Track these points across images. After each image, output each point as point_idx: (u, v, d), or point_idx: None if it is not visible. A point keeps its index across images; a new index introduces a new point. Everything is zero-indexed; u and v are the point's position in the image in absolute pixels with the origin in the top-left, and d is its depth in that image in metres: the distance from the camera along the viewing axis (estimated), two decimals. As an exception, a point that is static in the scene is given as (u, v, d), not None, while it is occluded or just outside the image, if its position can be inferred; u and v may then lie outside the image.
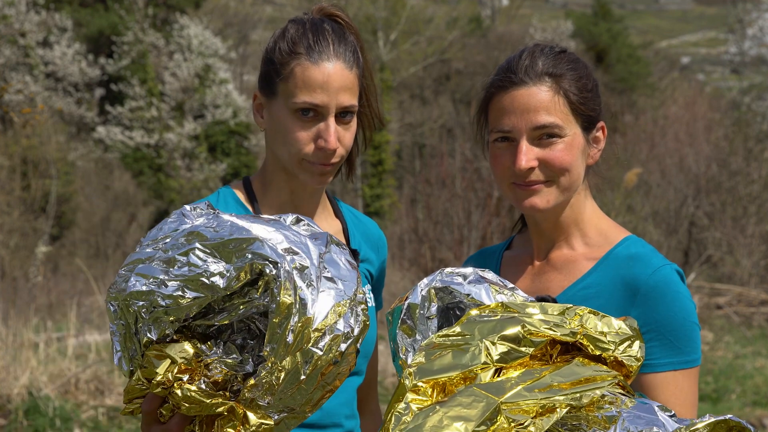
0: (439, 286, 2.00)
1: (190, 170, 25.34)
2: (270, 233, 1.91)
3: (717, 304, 12.82)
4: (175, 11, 27.27)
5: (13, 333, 8.58)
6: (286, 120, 2.28)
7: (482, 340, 1.82)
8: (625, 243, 2.17)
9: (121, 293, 1.92)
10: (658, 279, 2.07)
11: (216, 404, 1.86)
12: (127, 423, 7.89)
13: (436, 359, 1.82)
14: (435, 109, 27.52)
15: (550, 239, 2.25)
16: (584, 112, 2.17)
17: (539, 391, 1.74)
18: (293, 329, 1.83)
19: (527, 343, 1.83)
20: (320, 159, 2.28)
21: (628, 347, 1.89)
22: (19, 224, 18.94)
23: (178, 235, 1.94)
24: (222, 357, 1.89)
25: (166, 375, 1.88)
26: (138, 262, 1.94)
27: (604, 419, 1.72)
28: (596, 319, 1.88)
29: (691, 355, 2.06)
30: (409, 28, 28.10)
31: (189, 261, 1.88)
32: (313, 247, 1.94)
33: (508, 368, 1.82)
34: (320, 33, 2.30)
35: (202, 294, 1.87)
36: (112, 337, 1.96)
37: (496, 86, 2.19)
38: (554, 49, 2.20)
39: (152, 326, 1.89)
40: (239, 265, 1.86)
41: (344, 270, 1.95)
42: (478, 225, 12.42)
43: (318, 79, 2.25)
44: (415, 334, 1.97)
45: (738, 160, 16.18)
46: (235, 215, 1.98)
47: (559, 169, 2.14)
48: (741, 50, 36.88)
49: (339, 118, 2.28)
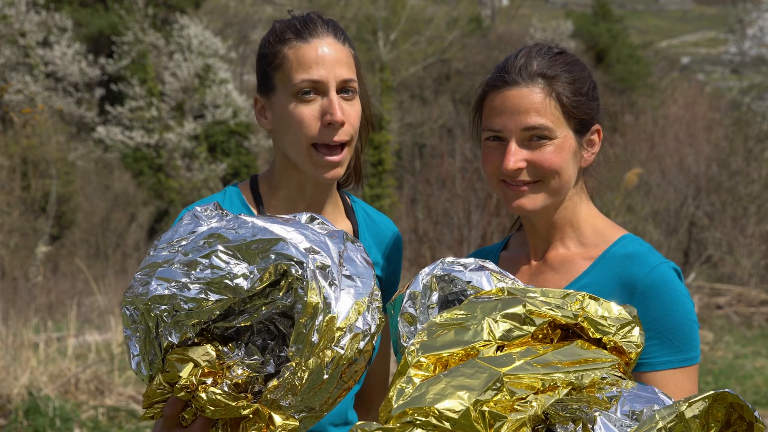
0: (440, 274, 2.01)
1: (190, 170, 25.32)
2: (290, 233, 1.90)
3: (717, 304, 12.81)
4: (175, 11, 27.26)
5: (13, 333, 8.58)
6: (289, 107, 2.25)
7: (484, 318, 1.84)
8: (621, 242, 2.17)
9: (139, 297, 1.90)
10: (655, 277, 2.07)
11: (241, 406, 1.84)
12: (127, 423, 7.89)
13: (439, 336, 1.84)
14: (435, 109, 27.51)
15: (546, 239, 2.25)
16: (577, 116, 2.16)
17: (541, 366, 1.76)
18: (318, 329, 1.83)
19: (529, 322, 1.85)
20: (330, 137, 2.23)
21: (629, 332, 1.90)
22: (19, 224, 18.94)
23: (197, 238, 1.92)
24: (244, 359, 1.88)
25: (190, 378, 1.86)
26: (156, 266, 1.91)
27: (605, 399, 1.72)
28: (596, 304, 1.90)
29: (690, 353, 2.06)
30: (409, 28, 28.08)
31: (212, 263, 1.86)
32: (332, 246, 1.93)
33: (509, 346, 1.83)
34: (306, 18, 2.29)
35: (226, 296, 1.85)
36: (128, 341, 1.93)
37: (491, 85, 2.19)
38: (552, 50, 2.19)
39: (174, 330, 1.87)
40: (263, 266, 1.84)
41: (361, 267, 1.95)
42: (478, 225, 12.42)
43: (312, 56, 2.23)
44: (416, 322, 1.97)
45: (738, 160, 16.17)
46: (255, 216, 1.96)
47: (548, 172, 2.14)
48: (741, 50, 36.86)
49: (340, 95, 2.24)
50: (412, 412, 1.66)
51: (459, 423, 1.64)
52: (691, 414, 1.63)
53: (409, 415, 1.67)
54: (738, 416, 1.69)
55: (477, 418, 1.64)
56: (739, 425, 1.70)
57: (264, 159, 25.36)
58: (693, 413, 1.64)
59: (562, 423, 1.68)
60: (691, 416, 1.63)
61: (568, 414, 1.69)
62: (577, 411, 1.69)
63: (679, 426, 1.62)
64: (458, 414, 1.64)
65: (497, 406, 1.66)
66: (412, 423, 1.66)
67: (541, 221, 2.22)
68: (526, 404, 1.69)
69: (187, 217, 2.00)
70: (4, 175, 19.75)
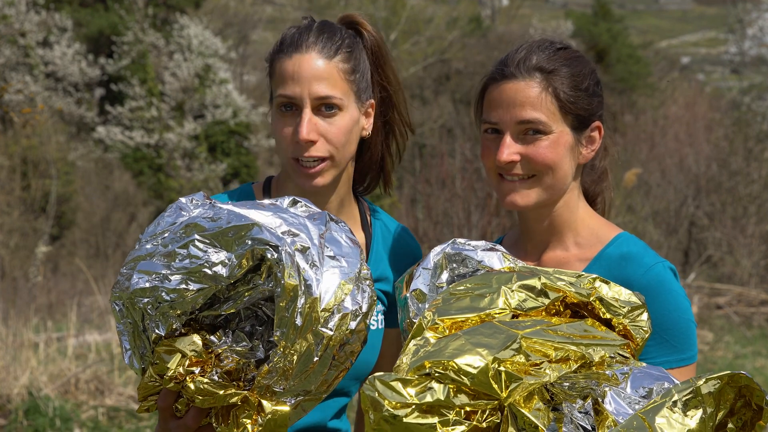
0: (451, 252, 2.01)
1: (190, 170, 25.31)
2: (267, 218, 1.90)
3: (717, 304, 12.81)
4: (175, 11, 27.24)
5: (13, 333, 8.58)
6: (275, 119, 2.27)
7: (500, 287, 1.86)
8: (616, 242, 2.16)
9: (124, 292, 1.92)
10: (651, 278, 2.07)
11: (229, 395, 1.85)
12: (127, 423, 7.89)
13: (454, 303, 1.86)
14: (435, 109, 27.50)
15: (542, 240, 2.23)
16: (574, 111, 2.14)
17: (554, 333, 1.77)
18: (301, 311, 1.83)
19: (544, 294, 1.87)
20: (301, 153, 2.22)
21: (638, 317, 1.92)
22: (19, 224, 18.93)
23: (176, 228, 1.93)
24: (232, 346, 1.89)
25: (178, 369, 1.87)
26: (139, 260, 1.93)
27: (615, 376, 1.74)
28: (607, 286, 1.92)
29: (687, 353, 2.06)
30: (409, 28, 28.07)
31: (189, 253, 1.87)
32: (312, 228, 1.93)
33: (523, 316, 1.85)
34: (305, 29, 2.27)
35: (206, 285, 1.86)
36: (120, 336, 1.95)
37: (490, 78, 2.19)
38: (554, 45, 2.18)
39: (159, 322, 1.88)
40: (240, 252, 1.85)
41: (346, 247, 1.95)
42: (478, 225, 12.42)
43: (289, 70, 2.22)
44: (425, 299, 1.97)
45: (738, 160, 16.17)
46: (231, 203, 1.97)
47: (541, 166, 2.13)
48: (741, 50, 36.86)
49: (321, 111, 2.22)
50: (431, 365, 1.67)
51: (477, 379, 1.65)
52: (706, 390, 1.65)
53: (427, 367, 1.67)
54: (743, 404, 1.70)
55: (494, 376, 1.65)
56: (742, 413, 1.71)
57: (264, 159, 25.35)
58: (708, 390, 1.65)
59: (569, 401, 1.68)
60: (706, 392, 1.64)
61: (575, 393, 1.69)
62: (586, 388, 1.70)
63: (694, 400, 1.63)
64: (477, 370, 1.65)
65: (513, 367, 1.68)
66: (430, 375, 1.67)
67: (537, 222, 2.22)
68: (540, 371, 1.70)
69: (170, 209, 2.01)
70: (4, 175, 19.74)
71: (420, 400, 1.64)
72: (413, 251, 2.46)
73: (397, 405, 1.64)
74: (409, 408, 1.64)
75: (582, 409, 1.67)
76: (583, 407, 1.68)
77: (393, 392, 1.64)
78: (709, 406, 1.64)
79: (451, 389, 1.65)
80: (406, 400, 1.64)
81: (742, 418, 1.71)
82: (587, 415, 1.67)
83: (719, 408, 1.67)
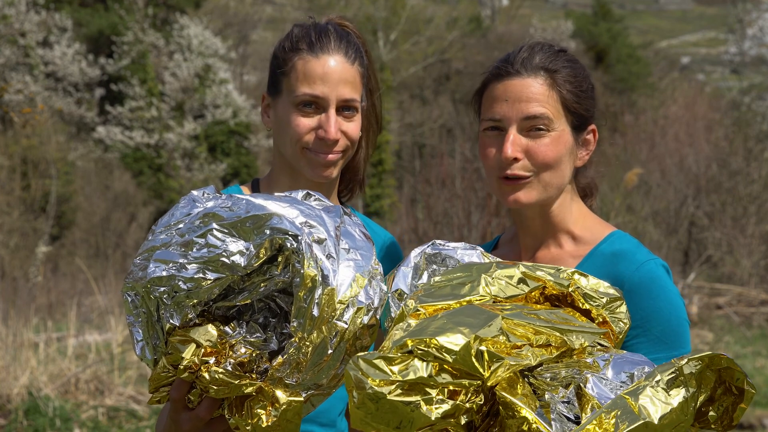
0: (431, 252, 2.03)
1: (190, 170, 25.33)
2: (285, 209, 1.90)
3: (717, 304, 12.83)
4: (175, 11, 27.26)
5: (13, 333, 8.59)
6: (289, 114, 2.31)
7: (480, 275, 1.89)
8: (609, 239, 2.18)
9: (139, 281, 1.90)
10: (643, 275, 2.07)
11: (244, 385, 1.85)
12: (126, 423, 7.90)
13: (436, 291, 1.89)
14: (435, 109, 27.52)
15: (537, 238, 2.25)
16: (576, 111, 2.17)
17: (536, 318, 1.79)
18: (318, 302, 1.82)
19: (523, 282, 1.90)
20: (321, 149, 2.29)
21: (617, 308, 1.94)
22: (19, 224, 18.94)
23: (192, 219, 1.92)
24: (246, 337, 1.88)
25: (192, 359, 1.86)
26: (154, 249, 1.91)
27: (596, 363, 1.75)
28: (585, 279, 1.95)
29: (679, 350, 2.06)
30: (409, 28, 28.09)
31: (207, 242, 1.86)
32: (328, 220, 1.93)
33: (504, 302, 1.88)
34: (323, 31, 2.34)
35: (223, 274, 1.85)
36: (131, 328, 1.93)
37: (492, 75, 2.20)
38: (553, 47, 2.22)
39: (174, 312, 1.88)
40: (259, 242, 1.84)
41: (360, 241, 1.95)
42: (478, 225, 12.42)
43: (318, 71, 2.28)
44: (405, 299, 1.98)
45: (738, 160, 16.19)
46: (248, 195, 1.97)
47: (542, 163, 2.14)
48: (741, 50, 36.88)
49: (341, 113, 2.30)
50: (413, 344, 1.68)
51: (459, 356, 1.66)
52: (688, 371, 1.67)
53: (410, 345, 1.68)
54: (723, 391, 1.71)
55: (476, 355, 1.66)
56: (723, 401, 1.72)
57: (264, 159, 25.37)
58: (690, 370, 1.67)
59: (552, 392, 1.70)
60: (688, 372, 1.67)
61: (557, 383, 1.71)
62: (568, 377, 1.71)
63: (677, 380, 1.66)
64: (459, 347, 1.66)
65: (495, 347, 1.69)
66: (413, 353, 1.67)
67: (534, 220, 2.23)
68: (521, 353, 1.71)
69: (184, 200, 2.00)
70: (4, 175, 19.75)
71: (403, 377, 1.65)
72: (393, 246, 2.53)
73: (381, 383, 1.65)
74: (393, 385, 1.65)
75: (564, 398, 1.69)
76: (566, 396, 1.69)
77: (376, 370, 1.66)
78: (691, 386, 1.67)
79: (434, 367, 1.66)
80: (389, 377, 1.65)
81: (723, 404, 1.72)
82: (569, 404, 1.69)
83: (700, 390, 1.69)
